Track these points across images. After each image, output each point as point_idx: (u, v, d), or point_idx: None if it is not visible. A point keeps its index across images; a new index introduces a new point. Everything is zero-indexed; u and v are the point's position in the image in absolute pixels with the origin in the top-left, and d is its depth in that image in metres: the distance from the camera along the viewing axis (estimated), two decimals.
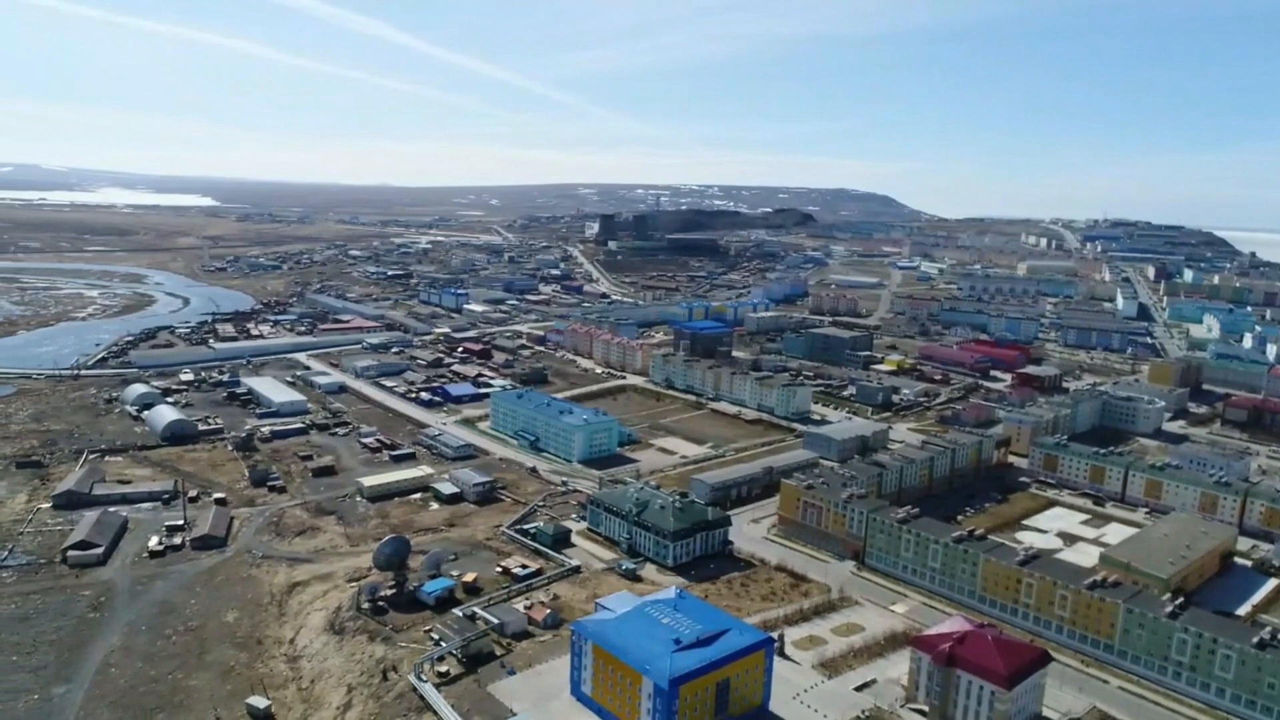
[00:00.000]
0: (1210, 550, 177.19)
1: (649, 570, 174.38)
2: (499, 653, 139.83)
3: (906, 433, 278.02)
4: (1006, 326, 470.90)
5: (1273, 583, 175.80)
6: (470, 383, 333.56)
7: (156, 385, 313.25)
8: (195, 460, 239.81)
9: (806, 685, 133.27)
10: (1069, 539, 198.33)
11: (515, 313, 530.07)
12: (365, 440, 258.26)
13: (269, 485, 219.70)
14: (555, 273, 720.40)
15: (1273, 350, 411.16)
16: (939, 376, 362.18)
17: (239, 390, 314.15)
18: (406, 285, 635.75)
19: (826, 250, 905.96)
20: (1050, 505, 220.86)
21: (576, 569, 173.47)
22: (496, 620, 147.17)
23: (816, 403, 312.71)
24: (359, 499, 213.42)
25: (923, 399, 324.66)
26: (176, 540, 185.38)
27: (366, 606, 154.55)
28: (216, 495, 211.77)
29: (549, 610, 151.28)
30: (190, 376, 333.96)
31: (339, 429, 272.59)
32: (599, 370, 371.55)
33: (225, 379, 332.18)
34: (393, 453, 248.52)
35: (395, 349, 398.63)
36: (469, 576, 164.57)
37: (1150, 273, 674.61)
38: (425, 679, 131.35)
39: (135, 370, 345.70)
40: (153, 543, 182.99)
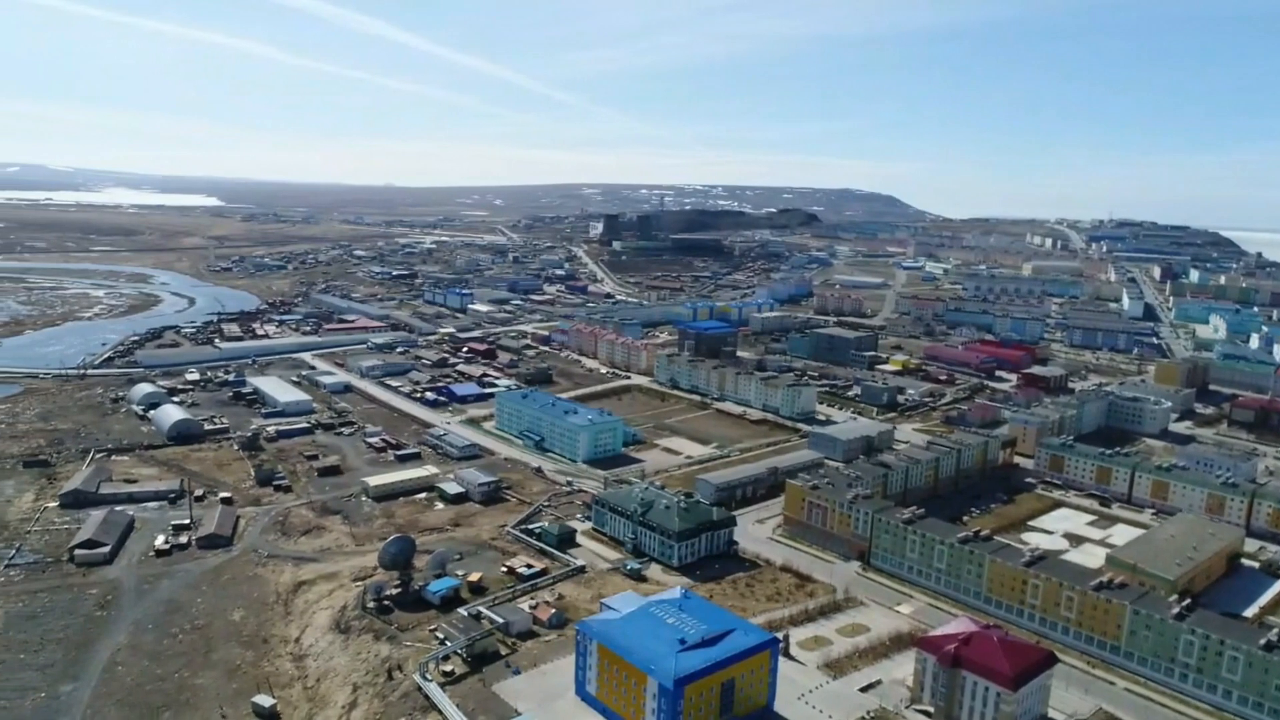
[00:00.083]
0: (1217, 551, 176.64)
1: (654, 570, 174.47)
2: (504, 652, 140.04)
3: (912, 433, 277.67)
4: (1012, 327, 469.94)
5: None
6: (475, 383, 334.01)
7: (162, 385, 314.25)
8: (201, 459, 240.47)
9: (811, 686, 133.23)
10: (1075, 540, 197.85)
11: (520, 313, 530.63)
12: (370, 440, 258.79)
13: (274, 485, 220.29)
14: (560, 273, 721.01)
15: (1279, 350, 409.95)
16: (944, 377, 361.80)
17: (244, 390, 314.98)
18: (411, 285, 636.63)
19: (831, 250, 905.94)
20: (1056, 506, 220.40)
21: (581, 569, 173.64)
22: (501, 620, 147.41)
23: (821, 403, 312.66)
24: (364, 498, 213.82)
25: (928, 399, 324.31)
26: (183, 539, 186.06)
27: (372, 606, 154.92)
28: (222, 494, 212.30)
29: (554, 610, 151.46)
30: (196, 376, 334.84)
31: (344, 429, 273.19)
32: (604, 370, 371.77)
33: (231, 379, 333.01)
34: (398, 452, 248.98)
35: (400, 349, 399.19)
36: (474, 576, 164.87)
37: (1156, 273, 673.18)
38: (430, 678, 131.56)
39: (141, 370, 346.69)
40: (159, 542, 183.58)
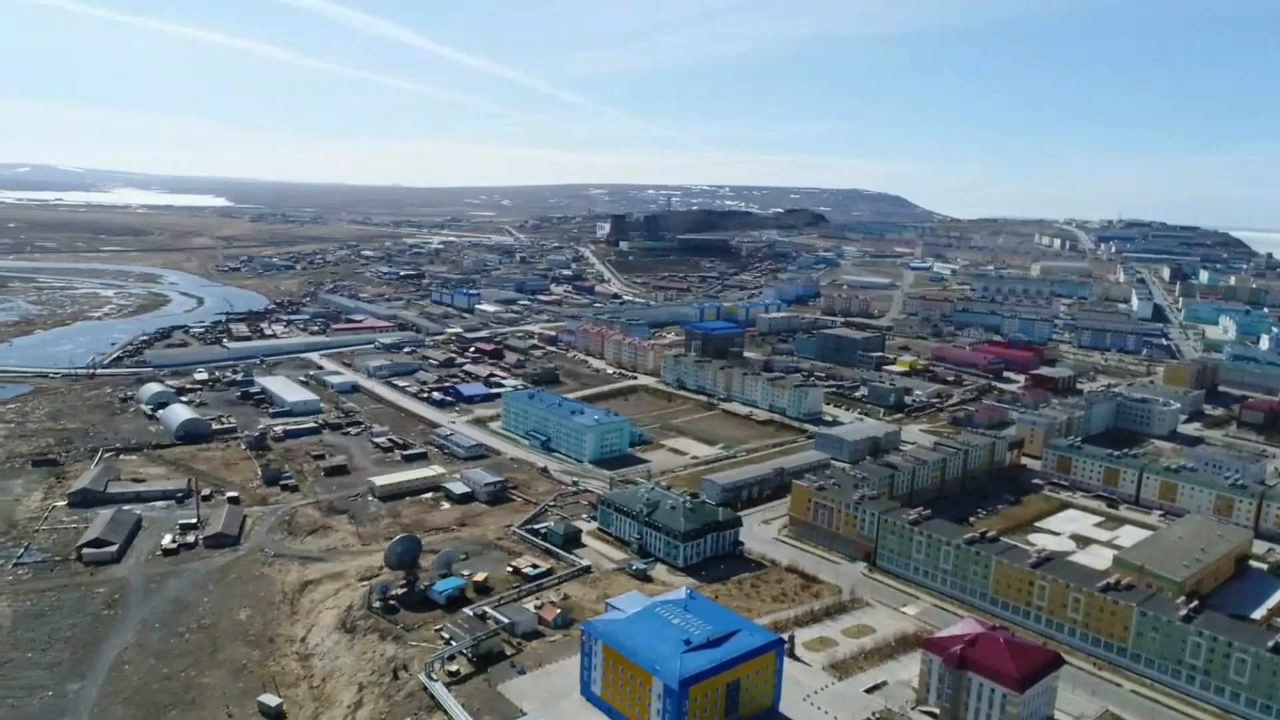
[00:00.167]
0: (1225, 553, 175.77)
1: (659, 571, 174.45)
2: (509, 652, 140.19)
3: (919, 434, 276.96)
4: (1020, 328, 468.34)
5: None
6: (482, 383, 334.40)
7: (171, 384, 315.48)
8: (209, 459, 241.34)
9: (817, 687, 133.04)
10: (1082, 541, 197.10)
11: (527, 313, 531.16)
12: (377, 440, 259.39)
13: (281, 484, 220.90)
14: (567, 273, 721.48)
15: None
16: (951, 378, 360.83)
17: (252, 390, 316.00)
18: (419, 285, 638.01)
19: (838, 251, 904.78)
20: (1063, 507, 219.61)
21: (587, 569, 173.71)
22: (507, 620, 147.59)
23: (828, 404, 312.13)
24: (371, 498, 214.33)
25: (935, 400, 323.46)
26: (190, 538, 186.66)
27: (378, 605, 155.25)
28: (229, 494, 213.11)
29: (559, 610, 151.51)
30: (204, 376, 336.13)
31: (351, 428, 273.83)
32: (610, 370, 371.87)
33: (239, 378, 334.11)
34: (404, 452, 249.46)
35: (407, 349, 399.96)
36: (480, 576, 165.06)
37: (1165, 273, 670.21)
38: (435, 678, 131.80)
39: (150, 369, 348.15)
40: (166, 541, 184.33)
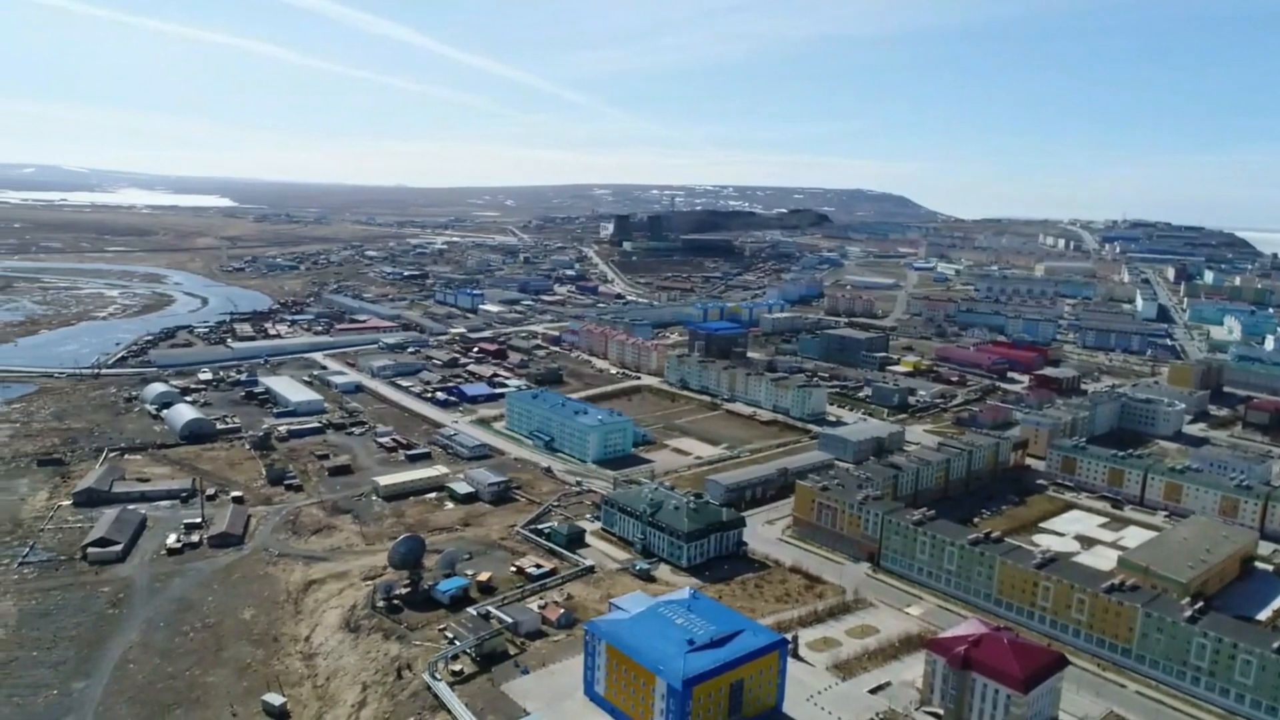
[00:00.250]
0: (1231, 554, 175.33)
1: (663, 571, 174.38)
2: (513, 652, 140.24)
3: (922, 434, 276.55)
4: (1024, 328, 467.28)
5: None
6: (486, 383, 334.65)
7: (175, 384, 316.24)
8: (213, 459, 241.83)
9: (820, 687, 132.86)
10: (1087, 542, 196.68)
11: (530, 313, 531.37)
12: (381, 440, 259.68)
13: (286, 484, 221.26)
14: (570, 273, 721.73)
15: None
16: (955, 378, 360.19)
17: (256, 389, 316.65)
18: (422, 285, 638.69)
19: (842, 251, 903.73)
20: (1068, 508, 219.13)
21: (590, 569, 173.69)
22: (510, 619, 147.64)
23: (832, 404, 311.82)
24: (375, 498, 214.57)
25: (939, 400, 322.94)
26: (194, 538, 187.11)
27: (381, 605, 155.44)
28: (234, 493, 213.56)
29: (563, 610, 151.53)
30: (208, 376, 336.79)
31: (355, 428, 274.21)
32: (614, 371, 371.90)
33: (243, 378, 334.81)
34: (408, 452, 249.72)
35: (411, 349, 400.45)
36: (483, 576, 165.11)
37: (1170, 274, 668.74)
38: (439, 677, 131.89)
39: (154, 369, 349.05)
40: (171, 540, 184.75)
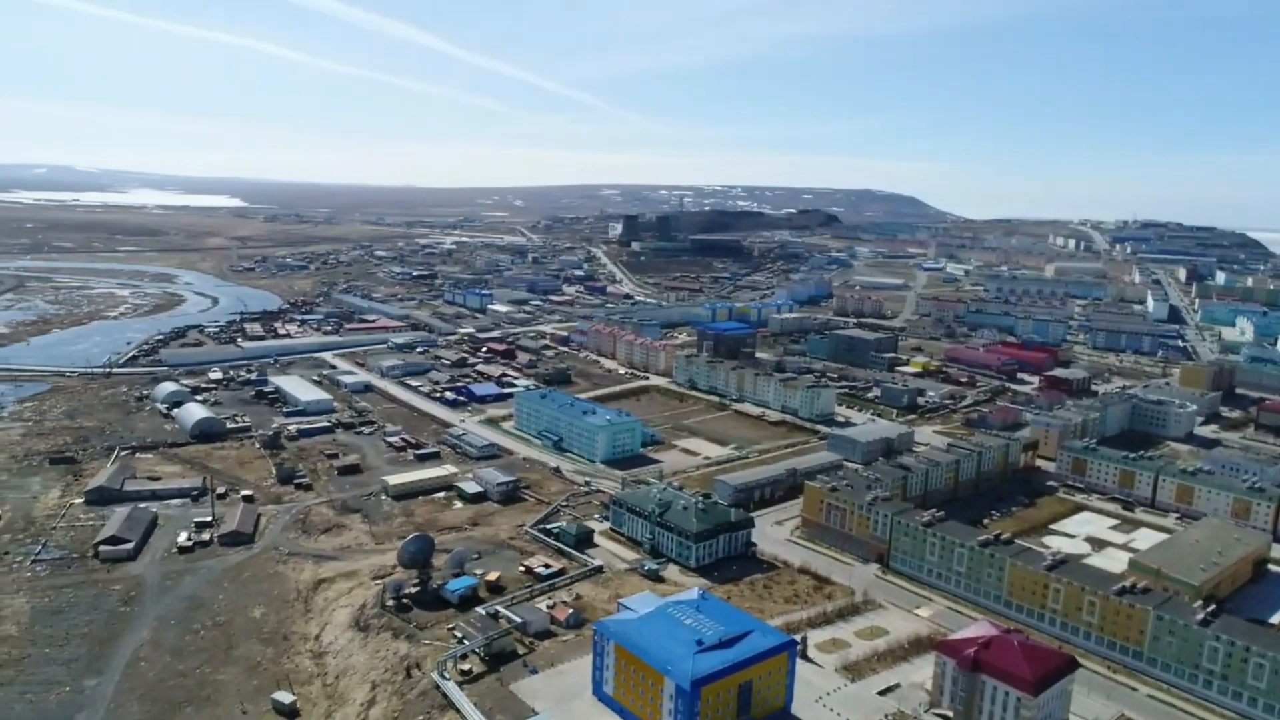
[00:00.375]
0: (1243, 557, 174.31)
1: (671, 571, 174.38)
2: (521, 651, 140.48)
3: (932, 435, 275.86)
4: (1034, 329, 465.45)
5: None
6: (494, 382, 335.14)
7: (186, 383, 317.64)
8: (223, 458, 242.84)
9: (829, 688, 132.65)
10: (1097, 544, 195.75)
11: (539, 313, 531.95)
12: (390, 439, 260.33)
13: (295, 483, 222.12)
14: (579, 273, 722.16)
15: None
16: (965, 379, 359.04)
17: (266, 389, 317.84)
18: (431, 285, 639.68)
19: (851, 251, 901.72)
20: (1078, 510, 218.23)
21: (599, 569, 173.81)
22: (519, 619, 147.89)
23: (841, 404, 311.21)
24: (384, 497, 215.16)
25: (948, 401, 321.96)
26: (205, 536, 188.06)
27: (391, 604, 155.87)
28: (244, 492, 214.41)
29: (571, 610, 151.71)
30: (219, 375, 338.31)
31: (364, 428, 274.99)
32: (622, 371, 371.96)
33: (253, 378, 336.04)
34: (417, 452, 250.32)
35: (420, 349, 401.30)
36: (492, 575, 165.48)
37: (1181, 274, 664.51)
38: (448, 677, 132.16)
39: (165, 368, 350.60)
40: (182, 539, 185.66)
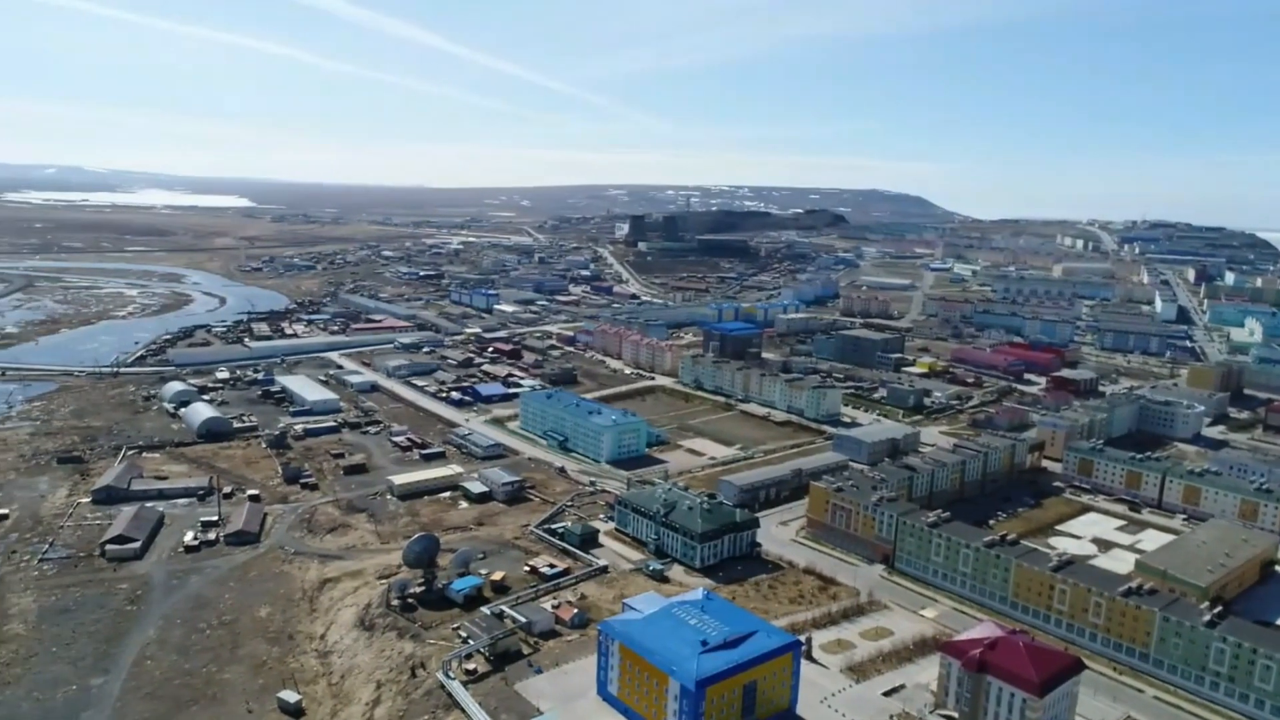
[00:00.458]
0: (1250, 558, 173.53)
1: (676, 571, 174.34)
2: (526, 651, 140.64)
3: (938, 436, 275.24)
4: (1041, 329, 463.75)
5: None
6: (500, 383, 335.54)
7: (193, 383, 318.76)
8: (230, 457, 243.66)
9: (834, 689, 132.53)
10: (1104, 545, 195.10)
11: (545, 313, 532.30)
12: (396, 439, 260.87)
13: (301, 482, 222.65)
14: (585, 273, 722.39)
15: None
16: (971, 379, 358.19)
17: (273, 388, 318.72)
18: (438, 285, 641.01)
19: (858, 251, 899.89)
20: (1085, 511, 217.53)
21: (604, 569, 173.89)
22: (524, 619, 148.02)
23: (847, 405, 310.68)
24: (389, 497, 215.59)
25: (955, 402, 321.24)
26: (211, 536, 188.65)
27: (396, 603, 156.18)
28: (250, 492, 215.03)
29: (576, 610, 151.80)
30: (226, 375, 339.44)
31: (370, 427, 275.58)
32: (628, 371, 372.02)
33: (260, 377, 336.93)
34: (423, 451, 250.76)
35: (426, 349, 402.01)
36: (497, 575, 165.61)
37: (1190, 275, 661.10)
38: (453, 676, 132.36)
39: (173, 368, 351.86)
40: (188, 538, 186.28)
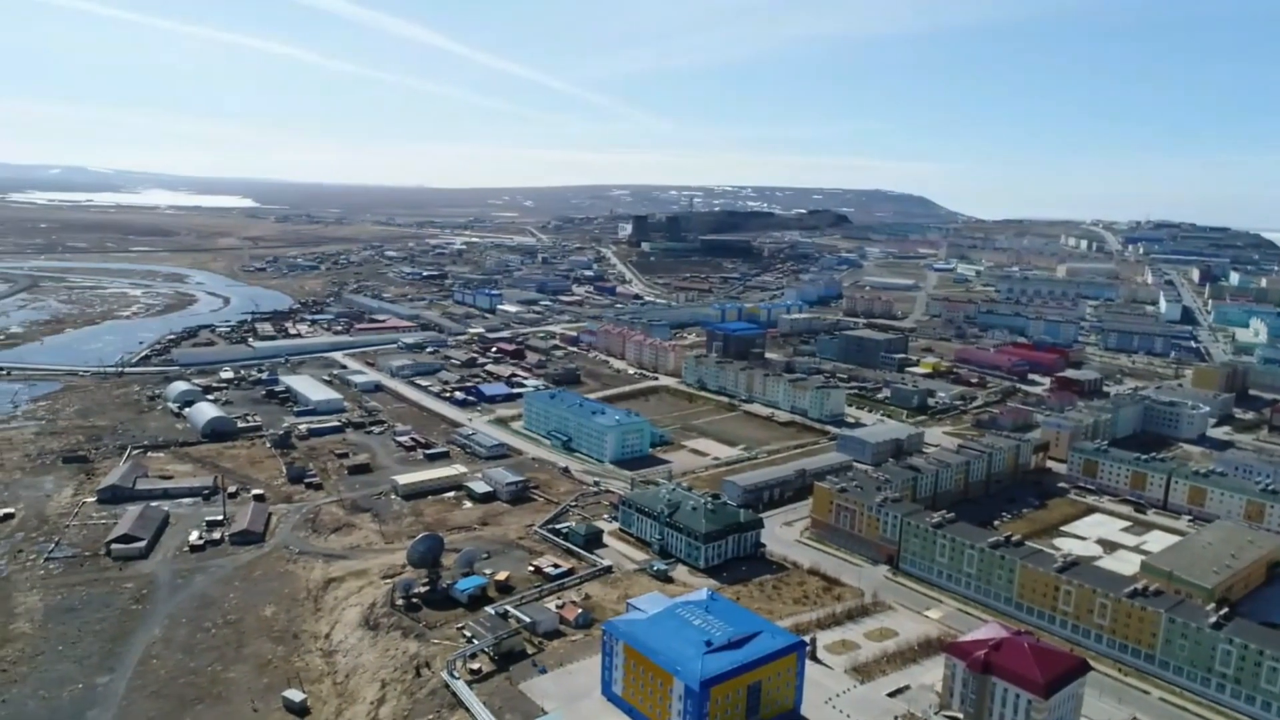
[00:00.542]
0: (1256, 559, 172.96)
1: (680, 571, 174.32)
2: (530, 651, 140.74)
3: (942, 436, 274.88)
4: (1045, 329, 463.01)
5: None
6: (504, 383, 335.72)
7: (198, 383, 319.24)
8: (234, 457, 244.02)
9: (839, 690, 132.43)
10: (1109, 546, 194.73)
11: (548, 313, 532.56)
12: (400, 439, 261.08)
13: (306, 482, 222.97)
14: (588, 274, 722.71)
15: None
16: (975, 380, 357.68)
17: (277, 388, 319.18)
18: (441, 286, 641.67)
19: (861, 252, 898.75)
20: (1090, 512, 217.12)
21: (608, 569, 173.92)
22: (528, 619, 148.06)
23: (850, 405, 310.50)
24: (394, 497, 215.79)
25: (959, 402, 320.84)
26: (216, 535, 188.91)
27: (400, 603, 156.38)
28: (255, 491, 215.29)
29: (580, 610, 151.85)
30: (230, 374, 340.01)
31: (374, 427, 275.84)
32: (631, 371, 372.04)
33: (264, 377, 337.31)
34: (427, 451, 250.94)
35: (430, 349, 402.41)
36: (501, 575, 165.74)
37: (1195, 275, 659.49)
38: (457, 676, 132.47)
39: (177, 368, 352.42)
40: (193, 537, 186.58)
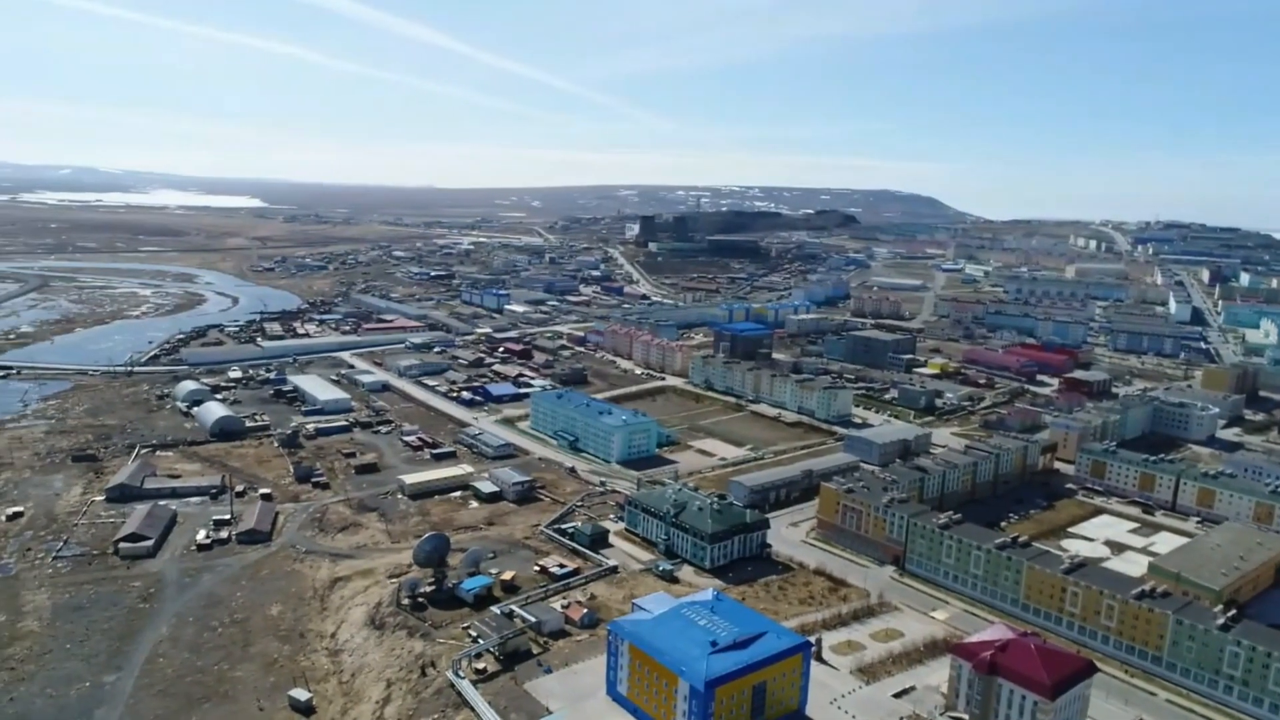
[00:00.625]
0: (1265, 561, 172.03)
1: (686, 572, 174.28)
2: (536, 651, 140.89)
3: (949, 437, 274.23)
4: (1054, 330, 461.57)
5: None
6: (511, 383, 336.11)
7: (206, 382, 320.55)
8: (242, 456, 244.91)
9: (844, 691, 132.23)
10: (1116, 548, 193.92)
11: (556, 313, 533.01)
12: (407, 438, 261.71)
13: (313, 481, 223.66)
14: (595, 274, 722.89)
15: None
16: (983, 380, 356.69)
17: (285, 388, 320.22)
18: (449, 286, 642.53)
19: (869, 252, 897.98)
20: (1097, 513, 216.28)
21: (614, 569, 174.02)
22: (534, 618, 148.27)
23: (858, 406, 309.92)
24: (400, 496, 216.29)
25: (966, 403, 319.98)
26: (223, 534, 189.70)
27: (406, 602, 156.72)
28: (262, 491, 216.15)
29: (586, 610, 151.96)
30: (238, 374, 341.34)
31: (382, 427, 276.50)
32: (638, 371, 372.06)
33: (272, 377, 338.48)
34: (434, 451, 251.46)
35: (437, 349, 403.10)
36: (507, 575, 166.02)
37: (1204, 276, 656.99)
38: (463, 675, 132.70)
39: (186, 367, 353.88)
40: (200, 536, 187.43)
